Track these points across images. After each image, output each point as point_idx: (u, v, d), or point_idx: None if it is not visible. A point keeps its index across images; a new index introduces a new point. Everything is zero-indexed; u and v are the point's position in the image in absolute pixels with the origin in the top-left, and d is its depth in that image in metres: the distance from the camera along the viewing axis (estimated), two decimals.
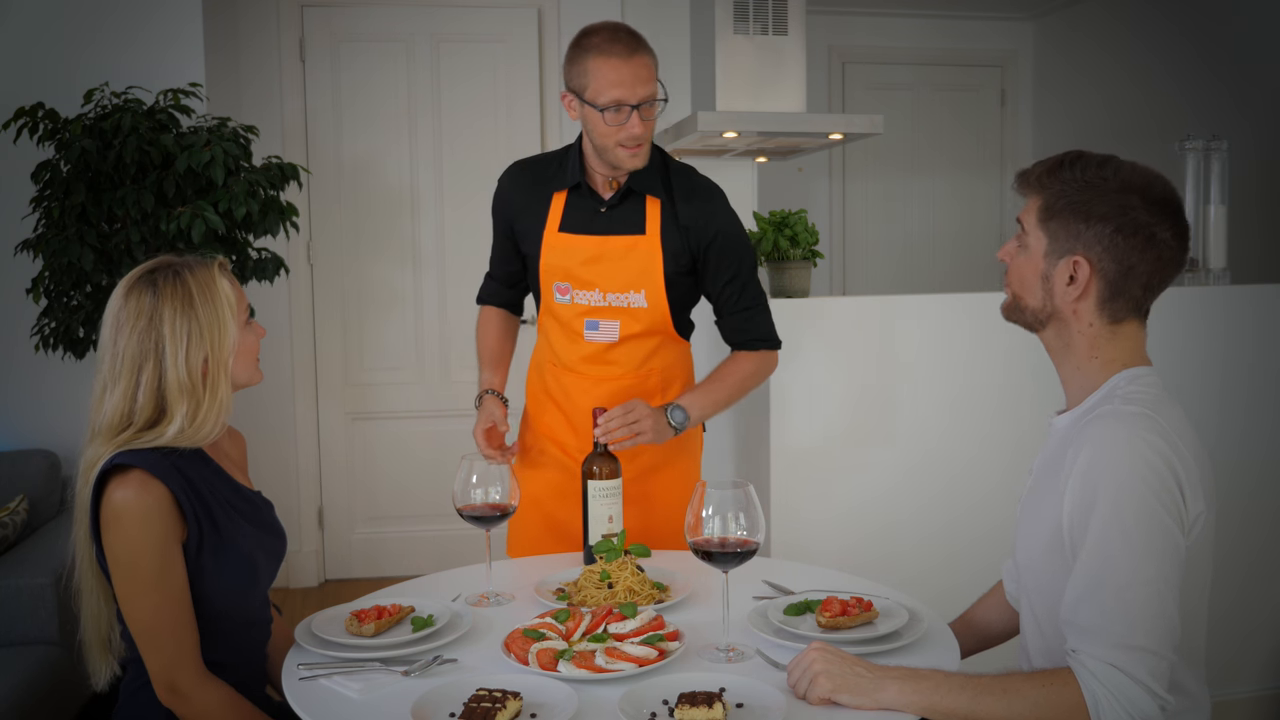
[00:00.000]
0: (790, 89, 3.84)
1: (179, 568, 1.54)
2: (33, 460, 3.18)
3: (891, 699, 1.33)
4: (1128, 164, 1.45)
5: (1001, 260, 1.53)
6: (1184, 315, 2.76)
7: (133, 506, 1.50)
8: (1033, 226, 1.46)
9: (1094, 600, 1.30)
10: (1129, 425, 1.34)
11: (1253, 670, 2.88)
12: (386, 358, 4.35)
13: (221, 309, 1.60)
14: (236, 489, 1.68)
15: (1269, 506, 2.82)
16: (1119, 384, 1.43)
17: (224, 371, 1.60)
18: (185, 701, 1.54)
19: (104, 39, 3.44)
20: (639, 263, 2.12)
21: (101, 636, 1.62)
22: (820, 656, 1.38)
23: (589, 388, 2.18)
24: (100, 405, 1.57)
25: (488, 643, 1.60)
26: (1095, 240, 1.41)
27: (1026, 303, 1.48)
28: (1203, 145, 2.94)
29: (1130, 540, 1.29)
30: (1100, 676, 1.27)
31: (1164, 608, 1.29)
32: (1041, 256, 1.45)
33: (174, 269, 1.60)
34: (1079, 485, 1.35)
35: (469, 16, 4.38)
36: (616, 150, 2.05)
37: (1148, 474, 1.30)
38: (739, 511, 1.51)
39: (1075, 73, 5.25)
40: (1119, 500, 1.30)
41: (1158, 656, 1.28)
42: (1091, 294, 1.43)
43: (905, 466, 2.60)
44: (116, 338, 1.57)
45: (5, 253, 3.25)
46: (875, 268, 5.52)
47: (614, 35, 2.11)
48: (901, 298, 2.62)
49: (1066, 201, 1.42)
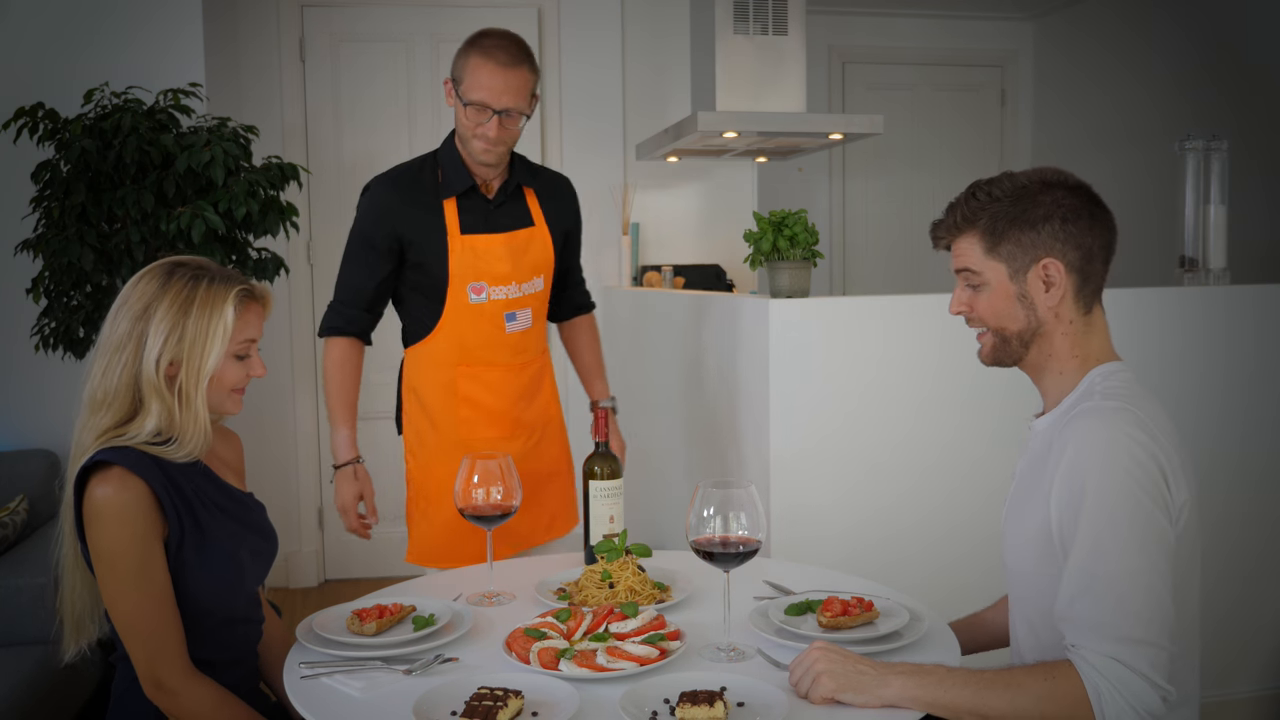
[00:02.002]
0: (790, 89, 3.84)
1: (160, 564, 1.54)
2: (33, 460, 3.18)
3: (895, 695, 1.33)
4: (1022, 171, 1.51)
5: (959, 313, 1.56)
6: (1184, 315, 2.76)
7: (112, 503, 1.50)
8: (981, 262, 1.50)
9: (1089, 595, 1.31)
10: (1110, 420, 1.36)
11: (1252, 670, 2.88)
12: (386, 358, 4.35)
13: (213, 330, 1.58)
14: (224, 489, 1.68)
15: (1269, 507, 2.82)
16: (1095, 380, 1.46)
17: (195, 387, 1.58)
18: (171, 697, 1.54)
19: (104, 39, 3.44)
20: (539, 251, 2.34)
21: (76, 613, 1.62)
22: (823, 656, 1.38)
23: (510, 378, 2.35)
24: (90, 375, 1.59)
25: (489, 642, 1.60)
26: (1051, 238, 1.45)
27: (1010, 330, 1.50)
28: (1203, 145, 2.94)
29: (1119, 533, 1.31)
30: (1101, 670, 1.28)
31: (1158, 598, 1.30)
32: (1008, 281, 1.48)
33: (194, 273, 1.60)
34: (1065, 483, 1.37)
35: (469, 16, 4.38)
36: (473, 141, 2.21)
37: (1132, 466, 1.33)
38: (740, 511, 1.51)
39: (1076, 72, 5.26)
40: (1106, 494, 1.32)
41: (1156, 647, 1.29)
42: (1068, 289, 1.47)
43: (906, 467, 2.60)
44: (117, 313, 1.59)
45: (5, 253, 3.25)
46: (875, 268, 5.52)
47: (501, 43, 2.20)
48: (901, 298, 2.62)
49: (1005, 220, 1.47)
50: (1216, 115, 4.37)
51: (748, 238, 2.61)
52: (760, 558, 1.71)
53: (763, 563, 1.92)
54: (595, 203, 4.46)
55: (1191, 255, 2.96)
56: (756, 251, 2.60)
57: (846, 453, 2.57)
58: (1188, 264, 2.96)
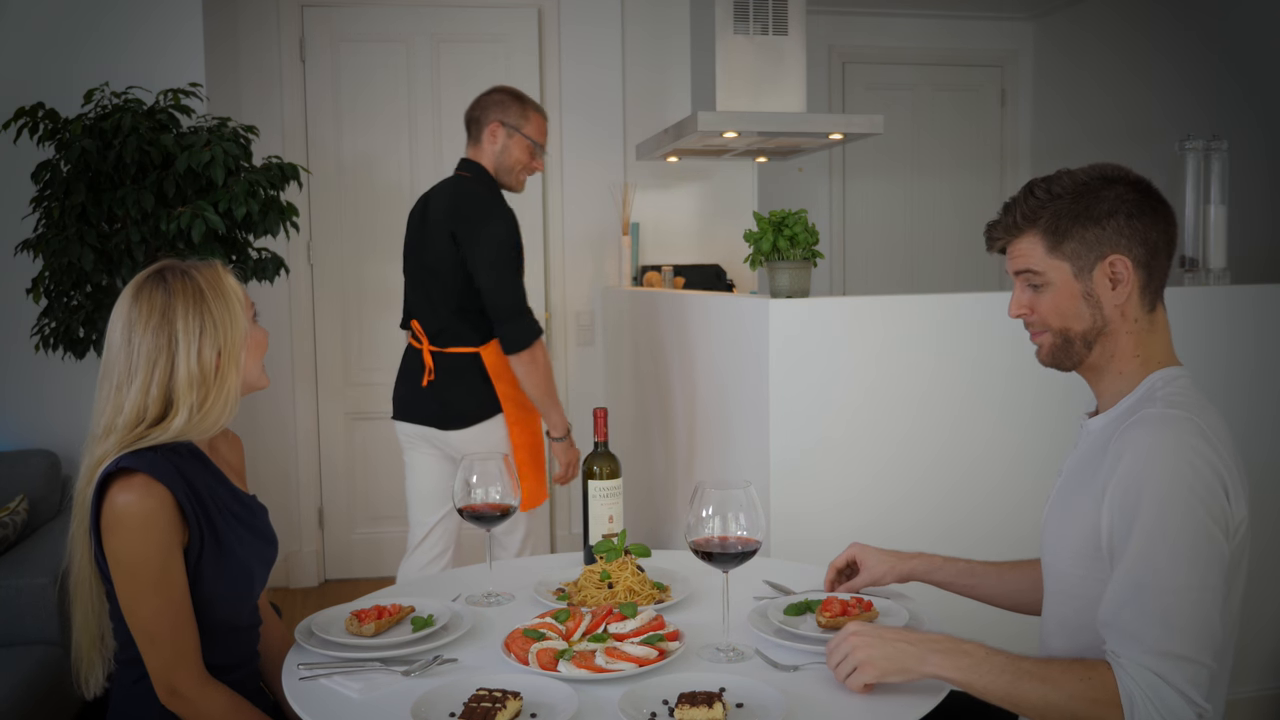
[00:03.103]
0: (790, 89, 3.84)
1: (180, 571, 1.54)
2: (33, 460, 3.18)
3: (934, 671, 1.35)
4: (1080, 168, 1.47)
5: (1019, 316, 1.51)
6: (1184, 315, 2.74)
7: (135, 510, 1.50)
8: (1044, 262, 1.45)
9: (1136, 605, 1.29)
10: (1174, 429, 1.33)
11: (1253, 670, 2.88)
12: (386, 358, 4.35)
13: (232, 302, 1.62)
14: (234, 493, 1.68)
15: (1270, 507, 2.82)
16: (1156, 385, 1.43)
17: (235, 366, 1.61)
18: (187, 704, 1.54)
19: (104, 39, 3.44)
20: None
21: (94, 637, 1.61)
22: (863, 643, 1.37)
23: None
24: (116, 403, 1.56)
25: (488, 642, 1.60)
26: (1116, 234, 1.42)
27: (1075, 330, 1.45)
28: (1203, 145, 2.94)
29: (1175, 547, 1.28)
30: (1139, 681, 1.27)
31: (1207, 615, 1.28)
32: (1072, 279, 1.44)
33: (181, 269, 1.62)
34: (1121, 491, 1.33)
35: (469, 16, 4.39)
36: (521, 174, 2.89)
37: (1194, 480, 1.30)
38: (739, 512, 1.51)
39: (1075, 72, 5.26)
40: (1164, 506, 1.29)
41: (1198, 665, 1.27)
42: (1134, 286, 1.43)
43: (906, 467, 2.60)
44: (130, 336, 1.57)
45: (5, 253, 3.25)
46: (875, 268, 5.52)
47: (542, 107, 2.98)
48: (901, 298, 2.62)
49: (1069, 218, 1.43)
50: (1217, 115, 4.37)
51: (748, 238, 2.61)
52: (760, 558, 1.71)
53: (762, 563, 1.92)
54: (595, 202, 4.46)
55: (1191, 255, 2.96)
56: (756, 251, 2.60)
57: (846, 453, 2.57)
58: (1188, 264, 2.96)
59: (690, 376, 3.18)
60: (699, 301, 3.12)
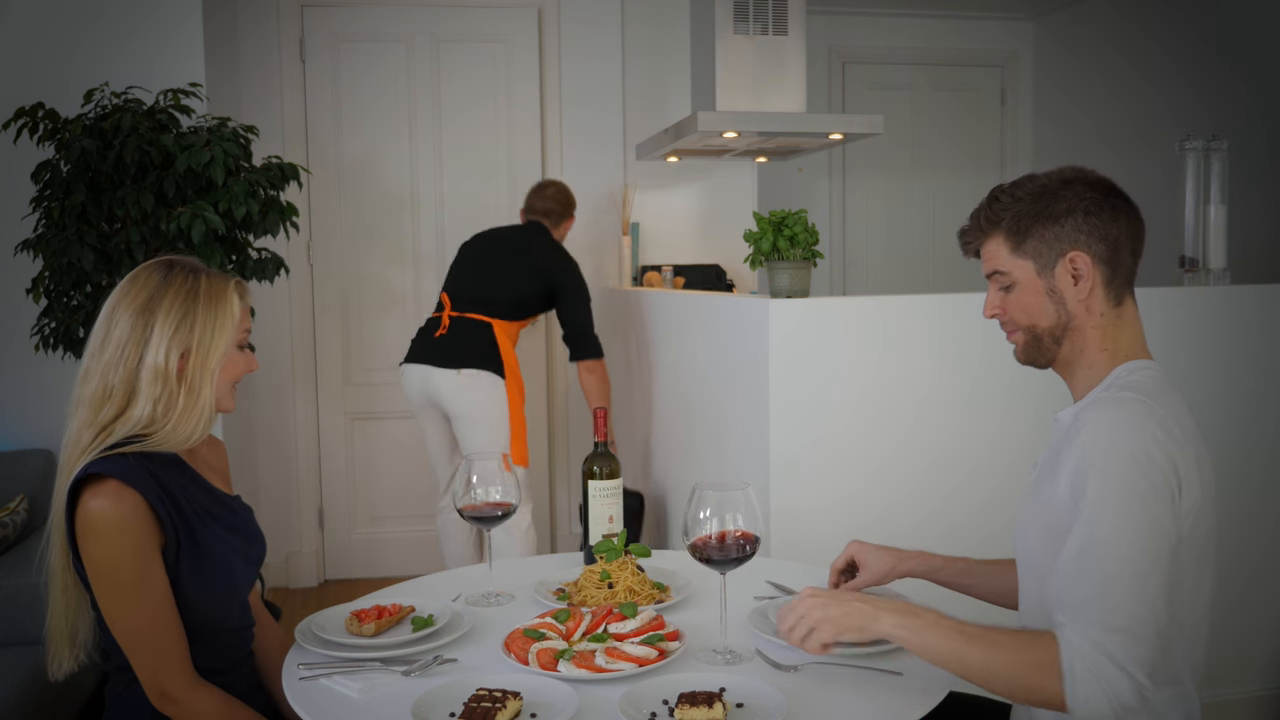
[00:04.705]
0: (790, 89, 3.83)
1: (159, 574, 1.53)
2: (33, 460, 3.18)
3: (887, 630, 1.38)
4: (1043, 172, 1.53)
5: (993, 316, 1.57)
6: (1184, 315, 2.75)
7: (108, 517, 1.49)
8: (1008, 262, 1.51)
9: (1080, 579, 1.32)
10: (1127, 409, 1.38)
11: (1253, 670, 2.88)
12: (386, 358, 4.35)
13: (222, 317, 1.60)
14: (213, 494, 1.67)
15: (1270, 507, 2.82)
16: (1120, 375, 1.48)
17: (208, 379, 1.59)
18: (178, 706, 1.54)
19: (104, 39, 3.43)
20: None
21: (68, 626, 1.61)
22: (817, 604, 1.41)
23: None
24: (87, 369, 1.57)
25: (488, 642, 1.60)
26: (1075, 231, 1.47)
27: (1042, 327, 1.51)
28: (1203, 145, 2.93)
29: (1117, 522, 1.32)
30: (1080, 651, 1.29)
31: (1146, 590, 1.30)
32: (1036, 277, 1.50)
33: (192, 266, 1.62)
34: (1074, 467, 1.38)
35: (469, 16, 4.39)
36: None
37: (1139, 455, 1.33)
38: (737, 513, 1.50)
39: (1076, 72, 5.25)
40: (1108, 482, 1.33)
41: (1140, 640, 1.29)
42: (1097, 281, 1.48)
43: (906, 466, 2.60)
44: (115, 310, 1.58)
45: (5, 253, 3.25)
46: (875, 268, 5.52)
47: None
48: (901, 298, 2.62)
49: (1028, 218, 1.49)
50: (1217, 115, 4.37)
51: (748, 238, 2.61)
52: (760, 558, 1.71)
53: (762, 563, 1.92)
54: (595, 203, 4.45)
55: (1191, 255, 2.96)
56: (756, 251, 2.60)
57: (846, 453, 2.57)
58: (1188, 264, 2.96)
59: (690, 376, 3.18)
60: (699, 302, 3.12)
